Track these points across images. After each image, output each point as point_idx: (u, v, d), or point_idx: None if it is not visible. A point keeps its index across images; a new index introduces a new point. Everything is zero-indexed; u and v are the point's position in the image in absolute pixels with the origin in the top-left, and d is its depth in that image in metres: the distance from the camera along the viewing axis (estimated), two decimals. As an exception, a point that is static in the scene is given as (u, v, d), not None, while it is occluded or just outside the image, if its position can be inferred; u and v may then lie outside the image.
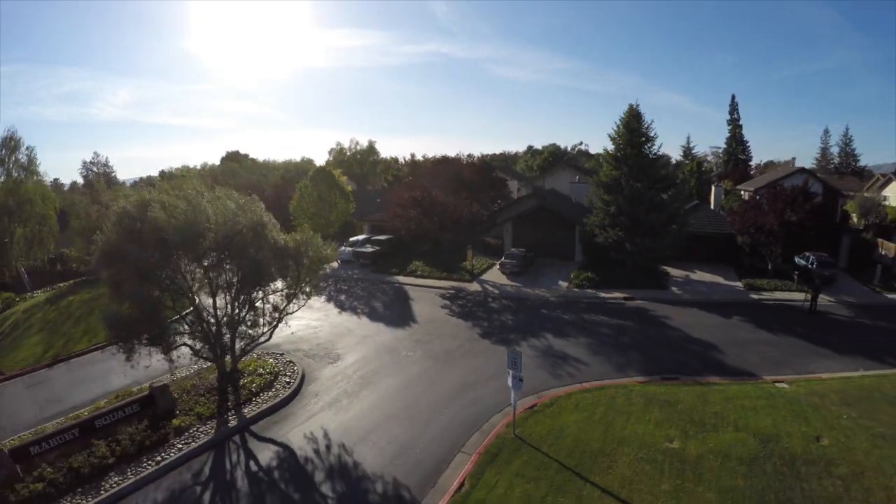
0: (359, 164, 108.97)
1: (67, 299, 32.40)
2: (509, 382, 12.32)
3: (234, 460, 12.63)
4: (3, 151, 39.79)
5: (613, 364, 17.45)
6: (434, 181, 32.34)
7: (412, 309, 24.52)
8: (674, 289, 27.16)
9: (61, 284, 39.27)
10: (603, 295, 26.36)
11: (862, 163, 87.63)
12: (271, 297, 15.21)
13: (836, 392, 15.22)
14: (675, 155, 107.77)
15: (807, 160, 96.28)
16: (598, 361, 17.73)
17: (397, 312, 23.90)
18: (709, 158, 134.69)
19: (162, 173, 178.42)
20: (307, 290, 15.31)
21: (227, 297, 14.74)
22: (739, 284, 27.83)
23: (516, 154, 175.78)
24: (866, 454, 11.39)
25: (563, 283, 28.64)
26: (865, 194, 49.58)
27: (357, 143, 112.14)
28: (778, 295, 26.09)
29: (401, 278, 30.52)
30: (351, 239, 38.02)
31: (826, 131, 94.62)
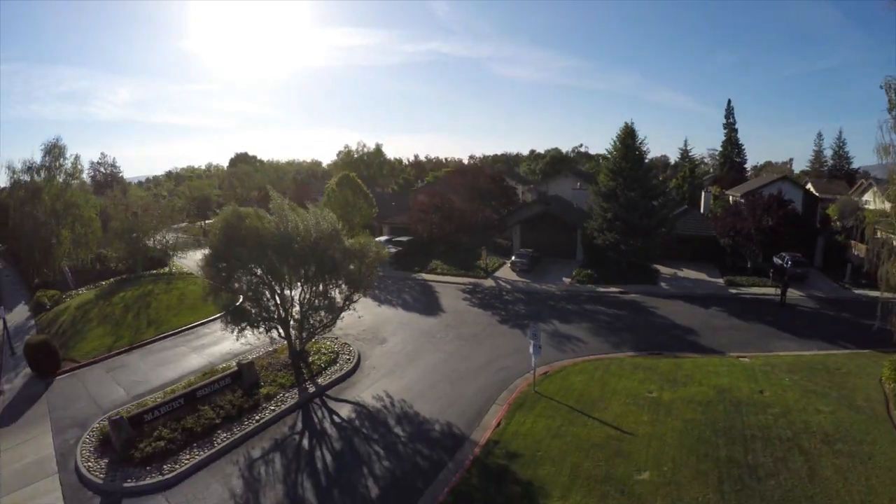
0: (366, 165, 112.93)
1: (119, 295, 36.34)
2: (531, 350, 16.55)
3: (319, 416, 16.74)
4: (48, 158, 43.77)
5: (609, 343, 21.69)
6: (452, 188, 36.55)
7: (438, 301, 28.74)
8: (663, 284, 31.42)
9: (103, 282, 43.15)
10: (601, 289, 30.60)
11: (856, 164, 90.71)
12: (339, 290, 19.31)
13: (786, 364, 19.40)
14: (674, 156, 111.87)
15: (804, 161, 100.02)
16: (596, 341, 21.97)
17: (426, 304, 28.11)
18: (706, 160, 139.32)
19: (168, 174, 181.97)
20: (367, 283, 19.45)
21: (306, 289, 18.87)
22: (721, 281, 32.06)
23: (517, 155, 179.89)
24: (796, 401, 15.60)
25: (567, 279, 32.87)
26: (851, 198, 53.83)
27: (364, 145, 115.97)
28: (754, 290, 30.30)
29: (423, 275, 34.72)
30: (375, 240, 42.33)
31: (819, 135, 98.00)
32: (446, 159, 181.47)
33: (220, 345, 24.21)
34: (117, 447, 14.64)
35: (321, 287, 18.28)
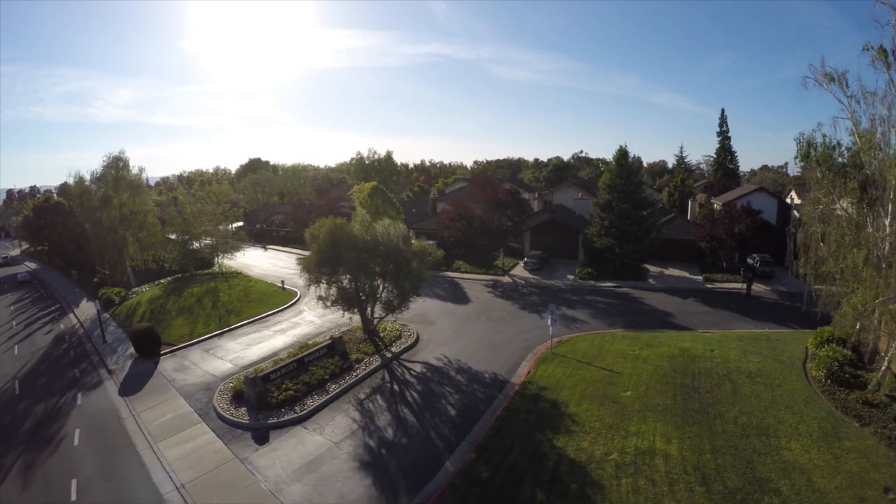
0: (377, 171, 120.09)
1: (188, 290, 42.86)
2: (549, 322, 23.55)
3: (399, 372, 23.64)
4: (113, 171, 50.34)
5: (605, 322, 28.76)
6: (474, 199, 43.67)
7: (467, 294, 35.77)
8: (651, 280, 38.54)
9: (161, 280, 49.82)
10: (599, 284, 37.70)
11: None
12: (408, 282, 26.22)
13: (737, 336, 26.35)
14: (671, 160, 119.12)
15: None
16: (595, 321, 29.02)
17: (458, 296, 35.12)
18: (701, 166, 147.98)
19: (180, 177, 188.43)
20: (424, 277, 26.37)
21: (381, 281, 25.75)
22: (700, 278, 39.15)
23: (520, 160, 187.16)
24: (735, 356, 22.57)
25: (570, 276, 39.94)
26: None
27: (375, 152, 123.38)
28: (727, 285, 37.38)
29: (450, 274, 41.72)
30: (430, 243, 49.55)
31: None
32: (450, 164, 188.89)
33: (296, 329, 31.12)
34: (253, 398, 20.77)
35: (396, 279, 25.16)
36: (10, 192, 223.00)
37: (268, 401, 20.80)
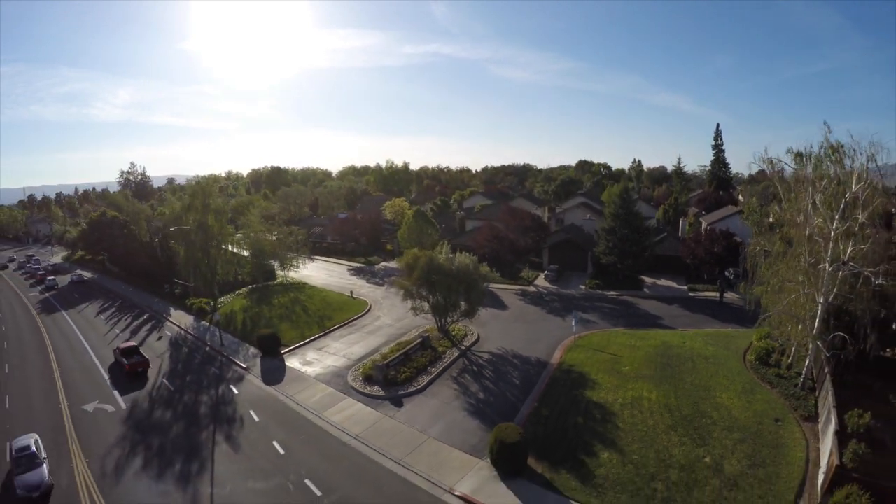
0: (395, 181, 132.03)
1: (275, 300, 53.62)
2: (573, 322, 35.41)
3: (473, 358, 35.21)
4: (201, 199, 60.88)
5: (610, 323, 40.60)
6: (504, 223, 55.63)
7: (503, 301, 47.54)
8: (645, 289, 50.41)
9: (240, 290, 60.74)
10: (605, 293, 49.56)
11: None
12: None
13: (705, 333, 38.12)
14: (670, 163, 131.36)
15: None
16: (603, 322, 40.85)
17: (497, 303, 46.82)
18: (697, 173, 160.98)
19: (190, 181, 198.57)
20: (484, 293, 38.01)
21: (458, 297, 37.30)
22: (685, 288, 51.04)
23: (525, 166, 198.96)
24: (699, 346, 34.32)
25: (582, 286, 51.76)
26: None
27: (392, 163, 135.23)
28: (706, 294, 49.27)
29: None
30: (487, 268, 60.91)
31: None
32: (458, 169, 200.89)
33: (381, 331, 42.46)
34: (381, 379, 31.78)
35: (468, 294, 36.64)
36: (31, 197, 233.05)
37: (393, 380, 31.51)
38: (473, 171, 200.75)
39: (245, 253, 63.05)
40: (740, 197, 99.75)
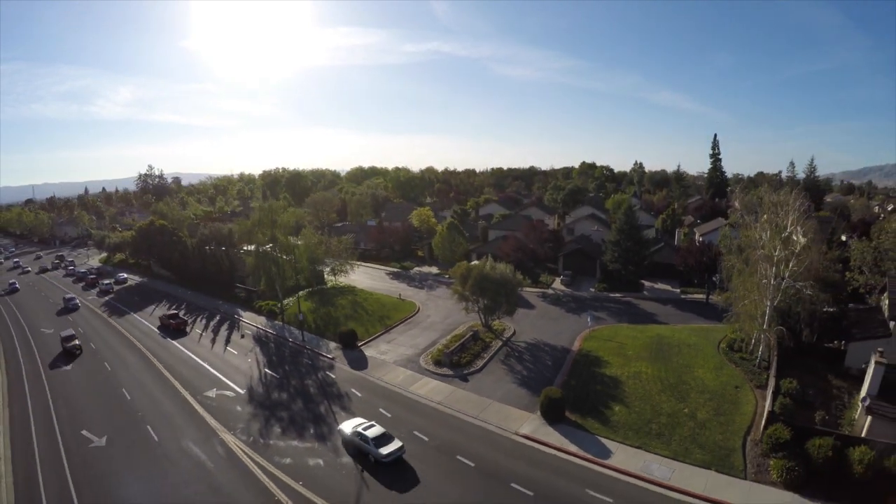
0: (410, 187, 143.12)
1: (337, 302, 64.33)
2: (588, 319, 47.13)
3: (513, 347, 46.70)
4: (269, 216, 71.67)
5: (616, 319, 52.29)
6: (525, 234, 67.23)
7: (529, 301, 59.17)
8: (645, 292, 62.14)
9: (297, 294, 71.61)
10: (611, 295, 61.34)
11: (855, 167, 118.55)
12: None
13: (692, 327, 49.87)
14: (671, 165, 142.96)
15: (800, 165, 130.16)
16: (611, 319, 52.54)
17: (524, 303, 58.24)
18: (697, 181, 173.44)
19: (204, 182, 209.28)
20: (517, 297, 49.55)
21: (497, 298, 48.88)
22: (678, 290, 62.76)
23: (530, 169, 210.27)
24: (685, 337, 45.91)
25: (592, 289, 63.48)
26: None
27: (405, 168, 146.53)
28: (695, 296, 60.99)
29: (512, 287, 65.14)
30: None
31: (791, 164, 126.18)
32: (465, 170, 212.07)
33: (434, 326, 53.75)
34: (448, 363, 43.63)
35: (508, 297, 48.14)
36: (50, 199, 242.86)
37: (457, 363, 43.42)
38: (478, 172, 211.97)
39: (304, 260, 73.38)
40: (736, 203, 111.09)
